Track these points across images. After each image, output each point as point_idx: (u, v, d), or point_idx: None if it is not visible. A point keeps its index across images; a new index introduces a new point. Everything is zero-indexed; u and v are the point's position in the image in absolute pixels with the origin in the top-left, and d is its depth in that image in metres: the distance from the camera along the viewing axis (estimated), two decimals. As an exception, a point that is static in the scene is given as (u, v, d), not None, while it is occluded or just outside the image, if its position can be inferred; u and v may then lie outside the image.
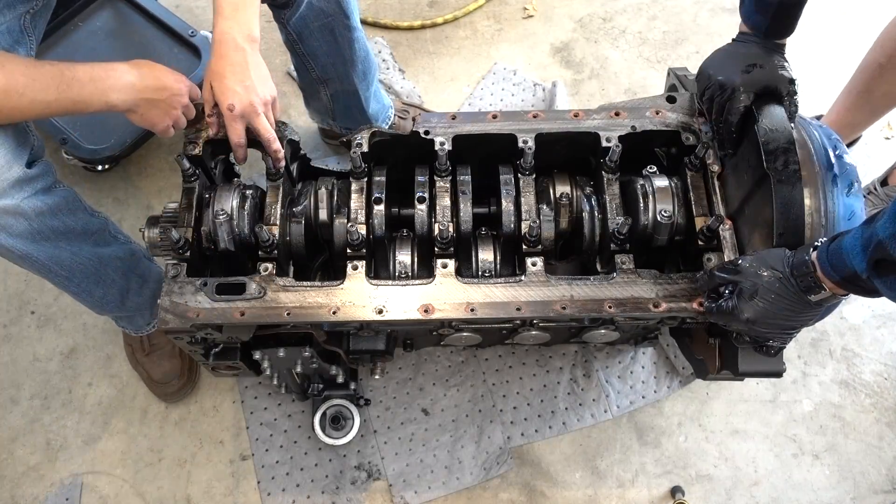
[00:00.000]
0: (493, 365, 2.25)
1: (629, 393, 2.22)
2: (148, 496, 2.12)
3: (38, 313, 2.35)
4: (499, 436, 2.15)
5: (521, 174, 1.73)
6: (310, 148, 2.54)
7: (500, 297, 1.56)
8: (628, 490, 2.12)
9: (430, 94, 2.74)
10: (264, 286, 1.58)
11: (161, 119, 1.60)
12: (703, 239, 1.61)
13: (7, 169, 1.44)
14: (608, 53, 2.83)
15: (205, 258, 1.73)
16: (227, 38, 1.52)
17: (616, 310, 1.54)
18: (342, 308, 1.56)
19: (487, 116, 1.77)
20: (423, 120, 1.77)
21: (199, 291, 1.57)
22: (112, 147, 2.31)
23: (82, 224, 1.71)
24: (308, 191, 1.80)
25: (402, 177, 1.80)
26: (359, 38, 1.95)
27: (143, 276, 1.95)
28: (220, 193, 1.69)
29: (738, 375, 1.60)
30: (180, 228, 1.64)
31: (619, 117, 1.75)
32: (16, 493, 2.12)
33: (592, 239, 1.72)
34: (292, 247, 1.75)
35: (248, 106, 1.55)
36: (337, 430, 2.08)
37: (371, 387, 2.20)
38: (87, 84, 1.46)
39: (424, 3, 2.93)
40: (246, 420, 2.16)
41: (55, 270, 1.69)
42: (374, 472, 2.10)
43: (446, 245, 1.63)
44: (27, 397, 2.24)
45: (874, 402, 2.23)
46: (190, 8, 2.90)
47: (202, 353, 1.74)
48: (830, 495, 2.11)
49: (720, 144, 1.65)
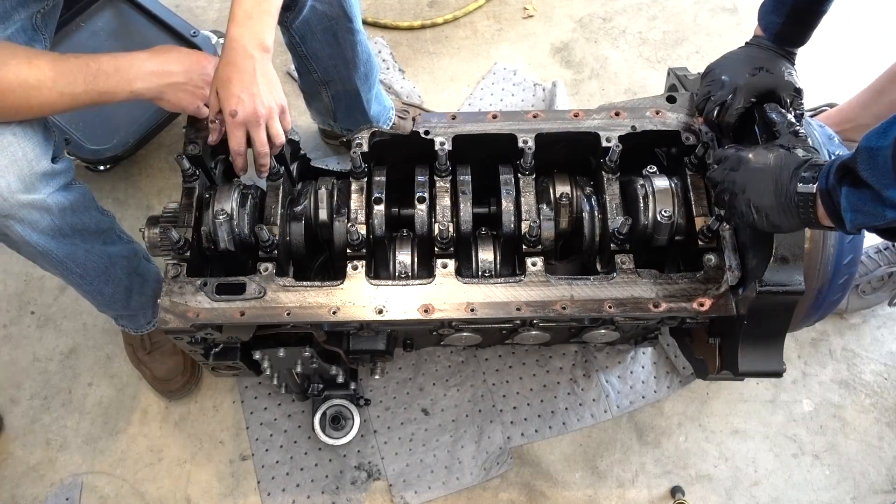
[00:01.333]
0: (493, 365, 2.25)
1: (629, 393, 2.22)
2: (148, 496, 2.12)
3: (38, 313, 2.35)
4: (499, 436, 2.15)
5: (521, 174, 1.73)
6: (310, 148, 2.54)
7: (500, 297, 1.56)
8: (628, 490, 2.12)
9: (430, 94, 2.74)
10: (264, 286, 1.58)
11: (190, 101, 1.61)
12: (703, 239, 1.60)
13: (36, 163, 1.47)
14: (608, 53, 2.83)
15: (205, 258, 1.73)
16: (237, 45, 1.50)
17: (616, 310, 1.54)
18: (342, 308, 1.56)
19: (487, 116, 1.77)
20: (424, 120, 1.77)
21: (199, 291, 1.57)
22: (115, 147, 2.32)
23: (95, 222, 1.72)
24: (308, 191, 1.80)
25: (402, 177, 1.80)
26: (361, 40, 1.95)
27: (143, 275, 1.96)
28: (221, 193, 1.69)
29: (738, 375, 1.60)
30: (180, 228, 1.64)
31: (619, 117, 1.75)
32: (16, 493, 2.12)
33: (592, 239, 1.72)
34: (292, 247, 1.75)
35: (251, 115, 1.53)
36: (337, 430, 2.08)
37: (371, 387, 2.20)
38: (113, 75, 1.49)
39: (424, 3, 2.93)
40: (246, 420, 2.17)
41: (71, 268, 1.70)
42: (374, 472, 2.10)
43: (446, 245, 1.63)
44: (27, 397, 2.24)
45: (874, 402, 2.23)
46: (190, 8, 2.89)
47: (202, 354, 1.74)
48: (830, 495, 2.11)
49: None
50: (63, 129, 2.29)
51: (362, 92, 2.09)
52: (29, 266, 2.40)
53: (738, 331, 1.53)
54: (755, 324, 1.51)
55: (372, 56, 2.06)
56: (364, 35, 1.97)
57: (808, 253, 1.51)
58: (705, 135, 1.70)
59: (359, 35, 1.92)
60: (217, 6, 2.90)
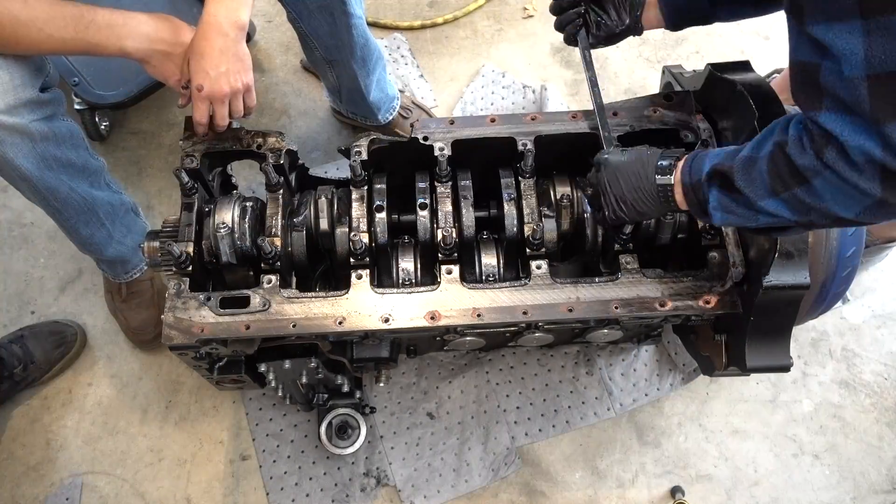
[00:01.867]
0: (496, 365, 2.25)
1: (632, 391, 2.22)
2: (148, 496, 2.11)
3: (38, 313, 2.35)
4: (505, 436, 2.15)
5: (521, 177, 1.73)
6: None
7: (506, 302, 1.56)
8: (628, 490, 2.12)
9: (431, 93, 2.74)
10: (268, 298, 1.57)
11: (173, 73, 1.64)
12: (706, 236, 1.61)
13: (21, 89, 1.52)
14: (608, 53, 2.82)
15: (206, 272, 1.72)
16: (213, 21, 1.56)
17: (623, 310, 1.54)
18: (348, 318, 1.55)
19: (486, 120, 1.76)
20: (422, 126, 1.76)
21: (202, 306, 1.56)
22: (118, 94, 2.34)
23: (82, 161, 1.79)
24: (307, 200, 1.79)
25: (401, 183, 1.80)
26: (357, 24, 1.97)
27: (128, 227, 2.03)
28: (220, 206, 1.68)
29: (745, 371, 1.60)
30: (181, 243, 1.62)
31: (617, 117, 1.75)
32: (16, 493, 2.12)
33: (595, 240, 1.72)
34: (294, 257, 1.74)
35: (216, 91, 1.59)
36: (344, 439, 2.07)
37: (375, 393, 2.20)
38: (104, 28, 1.53)
39: (424, 2, 2.92)
40: (252, 432, 2.15)
41: (50, 200, 1.77)
42: (383, 478, 2.10)
43: (450, 251, 1.63)
44: (27, 397, 2.24)
45: (874, 402, 2.23)
46: None
47: (206, 368, 1.73)
48: (830, 495, 2.11)
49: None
50: (73, 70, 2.32)
51: (360, 76, 2.12)
52: (29, 266, 2.41)
53: (745, 327, 1.53)
54: (762, 319, 1.51)
55: (370, 41, 2.08)
56: (361, 20, 2.00)
57: (811, 247, 1.52)
58: (704, 132, 1.70)
59: (354, 18, 1.95)
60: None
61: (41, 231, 2.47)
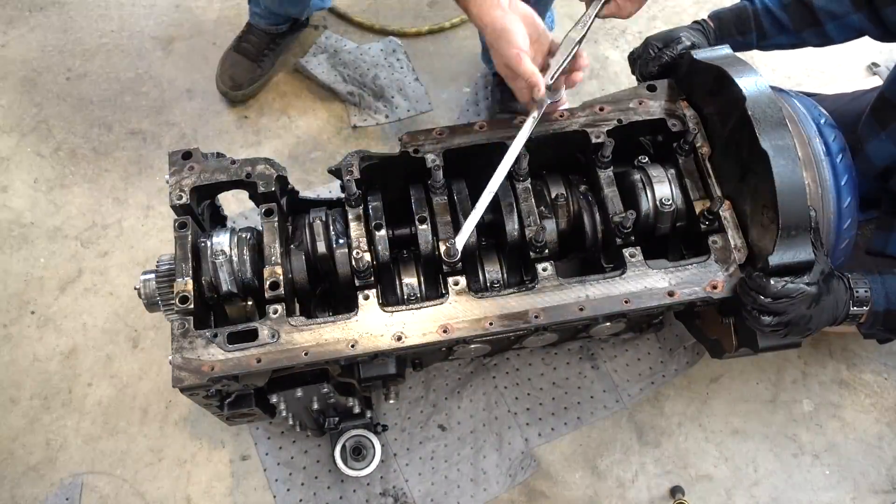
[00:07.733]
0: (502, 369, 2.25)
1: (638, 380, 2.24)
2: (148, 496, 2.09)
3: (38, 313, 2.32)
4: (518, 440, 2.15)
5: (516, 181, 1.72)
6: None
7: (516, 308, 1.56)
8: (628, 490, 2.13)
9: (430, 94, 2.74)
10: (276, 329, 1.54)
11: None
12: (704, 222, 1.62)
13: None
14: (608, 53, 2.84)
15: (207, 307, 1.68)
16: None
17: (633, 304, 1.54)
18: (360, 340, 1.53)
19: (474, 127, 1.76)
20: (411, 139, 1.74)
21: (210, 343, 1.53)
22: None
23: None
24: (301, 224, 1.76)
25: (395, 197, 1.78)
26: None
27: None
28: (215, 237, 1.65)
29: (757, 351, 1.62)
30: (180, 280, 1.58)
31: (604, 112, 1.75)
32: (16, 493, 2.09)
33: (595, 235, 1.73)
34: (296, 283, 1.71)
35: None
36: (359, 461, 2.04)
37: (384, 410, 2.18)
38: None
39: (424, 3, 2.90)
40: (262, 462, 2.12)
41: None
42: (401, 496, 2.07)
43: (454, 263, 1.62)
44: (27, 397, 2.21)
45: (874, 402, 2.25)
46: (190, 8, 2.87)
47: (217, 406, 1.69)
48: (830, 495, 2.12)
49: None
50: None
51: None
52: (29, 266, 2.39)
53: (754, 308, 1.54)
54: (770, 299, 1.52)
55: None
56: None
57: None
58: (690, 119, 1.71)
59: None
60: (217, 6, 2.88)
61: (41, 231, 2.44)
